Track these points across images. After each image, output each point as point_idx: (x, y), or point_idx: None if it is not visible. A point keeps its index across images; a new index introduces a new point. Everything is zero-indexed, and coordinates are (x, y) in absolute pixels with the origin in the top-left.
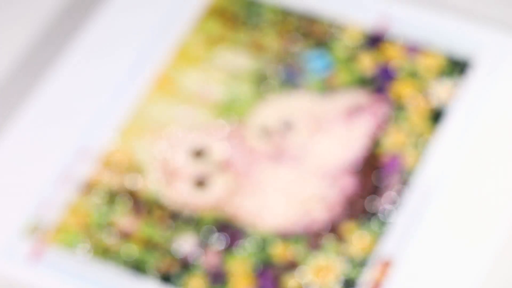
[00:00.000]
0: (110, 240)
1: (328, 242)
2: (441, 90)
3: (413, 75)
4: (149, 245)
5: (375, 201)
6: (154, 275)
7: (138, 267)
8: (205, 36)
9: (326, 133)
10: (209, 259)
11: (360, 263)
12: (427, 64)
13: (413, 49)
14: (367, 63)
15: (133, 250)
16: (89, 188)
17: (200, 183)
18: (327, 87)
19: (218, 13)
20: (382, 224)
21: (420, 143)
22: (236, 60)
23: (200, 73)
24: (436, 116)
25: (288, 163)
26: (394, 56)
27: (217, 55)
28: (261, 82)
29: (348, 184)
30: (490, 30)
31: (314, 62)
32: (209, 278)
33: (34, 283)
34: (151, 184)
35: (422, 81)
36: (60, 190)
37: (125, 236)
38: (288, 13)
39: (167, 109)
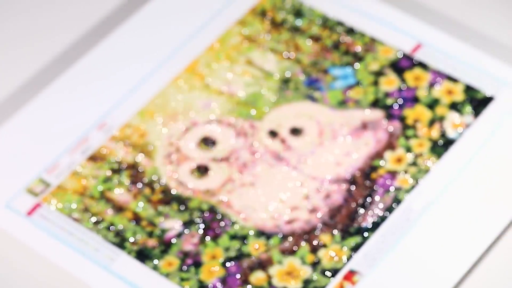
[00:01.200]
0: (101, 209)
1: (304, 247)
2: (455, 121)
3: (432, 102)
4: (137, 220)
5: (359, 215)
6: (132, 249)
7: (120, 239)
8: (243, 34)
9: (331, 145)
10: (188, 242)
11: (328, 273)
12: (448, 94)
13: (437, 78)
14: (389, 85)
15: (120, 222)
16: (96, 158)
17: (201, 170)
18: (344, 102)
19: (262, 13)
20: (360, 238)
21: (420, 168)
22: (266, 62)
23: (229, 69)
24: (443, 145)
25: (287, 167)
26: (417, 82)
27: (249, 54)
28: (284, 86)
29: (338, 195)
30: None
31: (338, 77)
32: (183, 260)
33: (20, 238)
34: (155, 164)
35: (439, 109)
36: (70, 157)
37: (117, 208)
38: (329, 23)
39: (189, 97)
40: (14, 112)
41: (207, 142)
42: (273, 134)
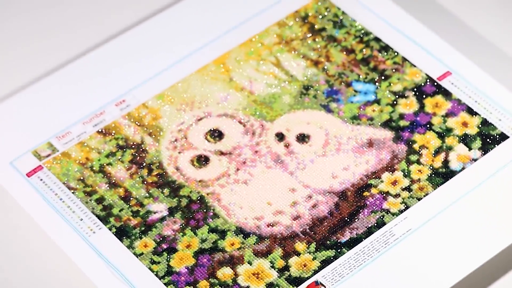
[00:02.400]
0: (96, 182)
1: (277, 252)
2: (461, 154)
3: (444, 131)
4: (127, 198)
5: (340, 230)
6: (114, 224)
7: (106, 213)
8: (279, 36)
9: (332, 157)
10: (169, 227)
11: (293, 281)
12: (462, 125)
13: (456, 109)
14: (407, 108)
15: (111, 197)
16: (106, 132)
17: (201, 161)
18: (357, 117)
19: (303, 18)
20: (334, 252)
21: (413, 195)
22: (294, 66)
23: (256, 67)
24: (443, 176)
25: (285, 171)
26: (436, 109)
27: (280, 55)
28: (304, 92)
29: (324, 207)
30: None
31: (359, 92)
32: (158, 244)
33: (14, 196)
34: (159, 147)
35: (449, 139)
36: (83, 127)
37: (112, 184)
38: (366, 37)
39: (211, 88)
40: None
41: (215, 134)
42: (279, 137)
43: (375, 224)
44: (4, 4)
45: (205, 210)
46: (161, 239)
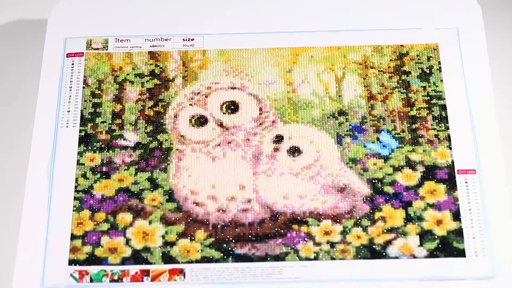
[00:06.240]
0: (107, 90)
1: (179, 227)
2: (408, 245)
3: (414, 218)
4: (116, 115)
5: (243, 242)
6: (85, 130)
7: (91, 117)
8: (364, 57)
9: (301, 181)
10: (121, 157)
11: (166, 258)
12: (435, 223)
13: (444, 206)
14: (404, 179)
15: (106, 108)
16: (154, 57)
17: (199, 121)
18: (355, 162)
19: (401, 55)
20: (220, 256)
21: (330, 252)
22: (350, 89)
23: (319, 73)
24: (372, 253)
25: (252, 168)
26: (427, 195)
27: (349, 74)
28: (335, 116)
29: (251, 216)
30: None
31: (380, 142)
32: (101, 165)
33: (43, 67)
34: (180, 91)
35: (410, 226)
36: (142, 43)
37: (117, 98)
38: (435, 100)
39: (265, 69)
40: None
41: (231, 107)
42: (278, 139)
43: (275, 255)
44: None
45: (161, 161)
46: (107, 162)
